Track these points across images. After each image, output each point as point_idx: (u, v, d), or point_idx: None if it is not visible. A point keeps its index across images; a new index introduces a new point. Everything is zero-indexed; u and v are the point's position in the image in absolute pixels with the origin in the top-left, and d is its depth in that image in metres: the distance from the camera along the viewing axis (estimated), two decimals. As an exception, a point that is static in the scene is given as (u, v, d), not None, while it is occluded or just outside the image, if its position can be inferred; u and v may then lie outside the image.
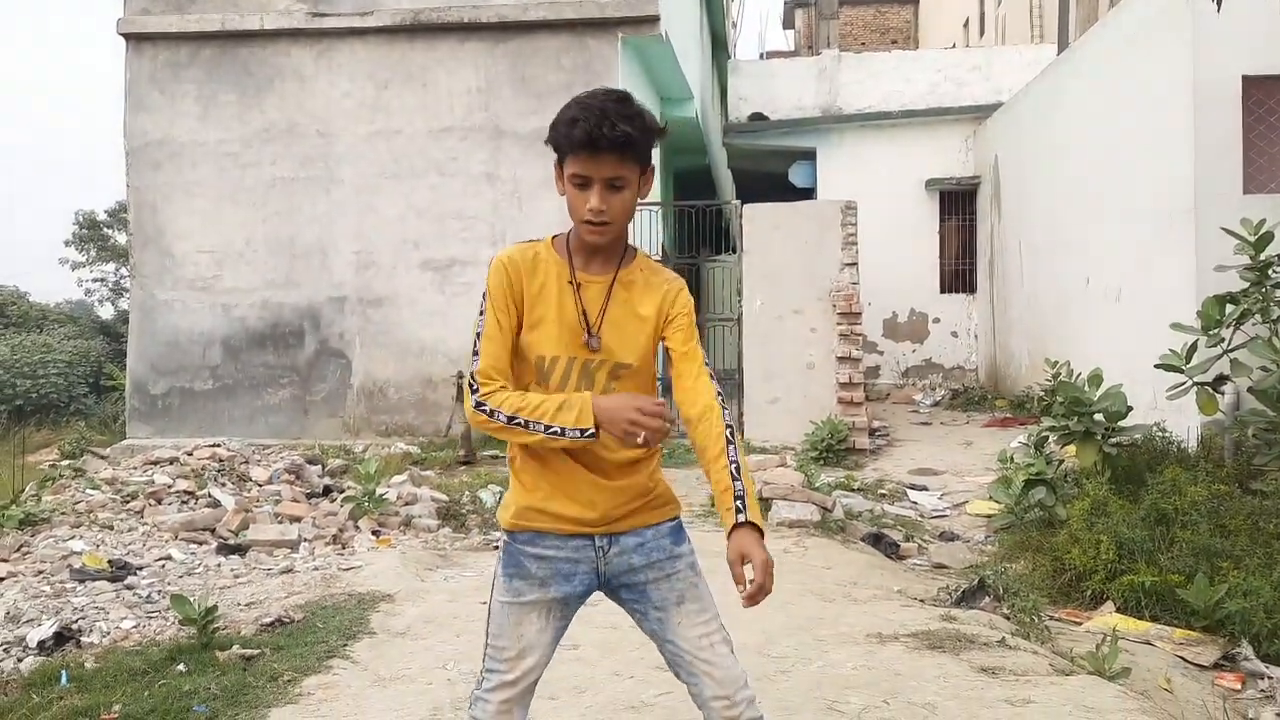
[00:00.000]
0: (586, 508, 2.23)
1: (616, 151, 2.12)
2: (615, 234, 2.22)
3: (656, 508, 2.31)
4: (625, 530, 2.26)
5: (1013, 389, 13.13)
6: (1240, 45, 7.40)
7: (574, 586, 2.26)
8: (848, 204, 10.63)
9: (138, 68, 11.61)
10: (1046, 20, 20.74)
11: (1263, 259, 6.47)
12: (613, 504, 2.24)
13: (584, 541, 2.25)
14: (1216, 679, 4.32)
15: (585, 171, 2.15)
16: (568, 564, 2.25)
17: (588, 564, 2.26)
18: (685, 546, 2.32)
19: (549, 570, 2.25)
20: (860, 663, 3.97)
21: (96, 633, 4.66)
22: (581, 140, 2.12)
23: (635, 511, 2.27)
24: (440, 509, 7.36)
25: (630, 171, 2.17)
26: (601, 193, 2.15)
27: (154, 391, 11.50)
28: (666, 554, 2.28)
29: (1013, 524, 6.65)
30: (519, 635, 2.25)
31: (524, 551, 2.26)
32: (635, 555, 2.26)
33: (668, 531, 2.30)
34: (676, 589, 2.26)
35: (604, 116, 2.11)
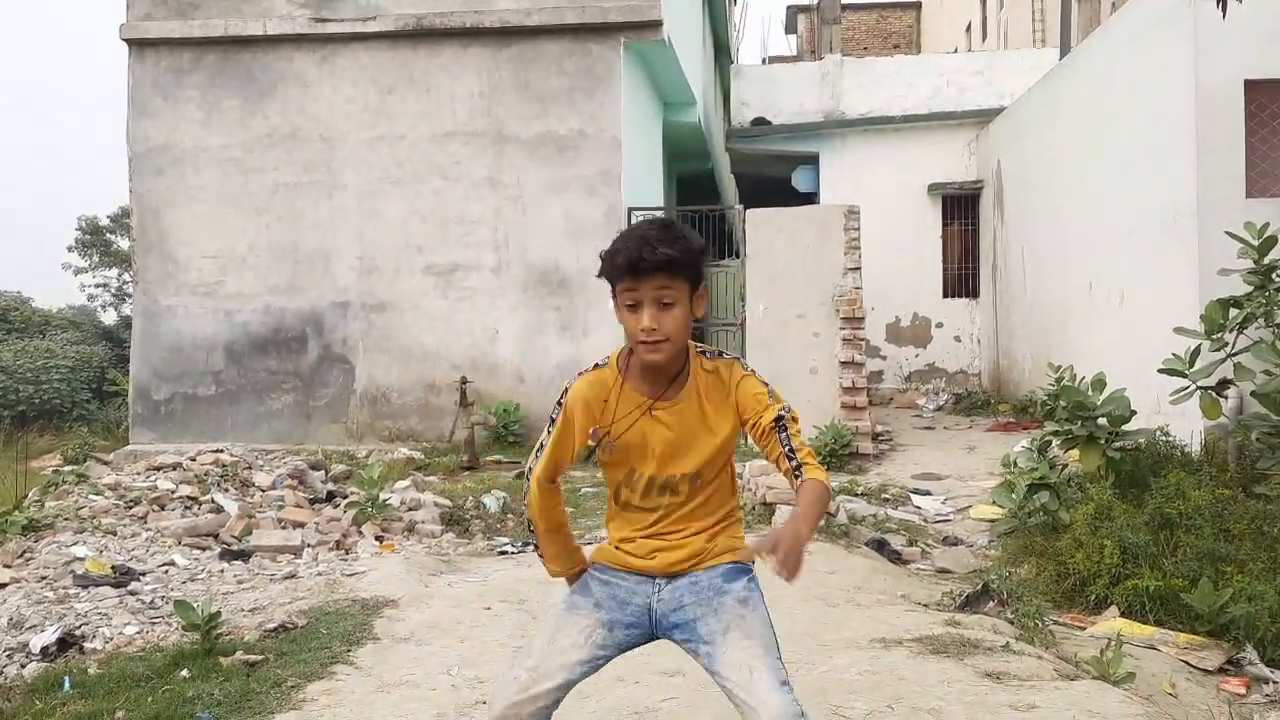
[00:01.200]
0: (646, 560, 2.41)
1: (662, 271, 2.21)
2: (673, 351, 2.29)
3: (715, 555, 2.40)
4: (682, 573, 2.39)
5: (1016, 393, 13.12)
6: (1242, 49, 7.39)
7: (624, 614, 2.39)
8: (850, 208, 10.64)
9: (140, 73, 11.65)
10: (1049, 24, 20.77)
11: (1266, 263, 6.47)
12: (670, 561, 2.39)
13: (643, 578, 2.41)
14: (1221, 684, 4.31)
15: (632, 293, 2.24)
16: (624, 592, 2.41)
17: (642, 597, 2.40)
18: (739, 583, 2.37)
19: (605, 593, 2.42)
20: (865, 668, 3.96)
21: (100, 638, 4.66)
22: (624, 266, 2.22)
23: (694, 564, 2.39)
24: (444, 514, 7.36)
25: (679, 289, 2.25)
26: (653, 312, 2.23)
27: (157, 397, 11.52)
28: (716, 590, 2.35)
29: (1016, 528, 6.64)
30: (551, 640, 2.37)
31: (593, 576, 2.48)
32: (686, 593, 2.37)
33: (722, 572, 2.38)
34: (723, 620, 2.30)
35: (645, 242, 2.21)
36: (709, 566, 2.39)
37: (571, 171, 11.13)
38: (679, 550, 2.39)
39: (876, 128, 16.12)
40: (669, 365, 2.33)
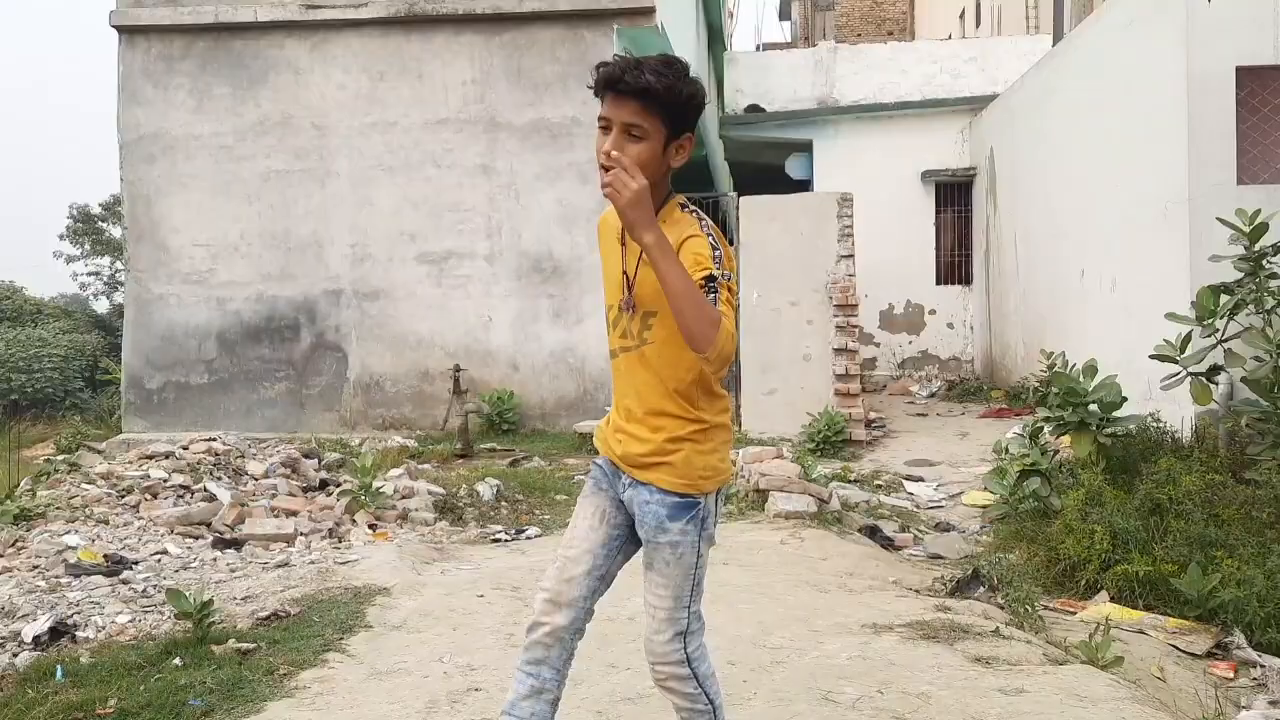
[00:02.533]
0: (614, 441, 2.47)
1: (637, 98, 2.17)
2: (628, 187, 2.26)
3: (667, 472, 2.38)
4: (642, 481, 2.41)
5: (1008, 380, 13.15)
6: (1234, 36, 7.39)
7: (617, 492, 2.48)
8: (844, 196, 10.63)
9: (131, 60, 11.59)
10: (1042, 11, 20.73)
11: (1257, 249, 6.48)
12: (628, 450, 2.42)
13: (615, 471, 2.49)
14: (1209, 667, 4.34)
15: (606, 114, 2.22)
16: (609, 477, 2.51)
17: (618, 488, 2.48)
18: (677, 525, 2.39)
19: (601, 475, 2.52)
20: (855, 653, 3.98)
21: (92, 627, 4.66)
22: (602, 81, 2.21)
23: (650, 466, 2.40)
24: (437, 502, 7.36)
25: (652, 125, 2.21)
26: (618, 138, 2.20)
27: (149, 385, 11.50)
28: (658, 524, 2.39)
29: (1008, 514, 6.66)
30: (575, 523, 2.50)
31: (595, 462, 2.57)
32: (639, 510, 2.42)
33: (670, 504, 2.39)
34: (650, 556, 2.43)
35: (635, 65, 2.18)
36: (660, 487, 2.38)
37: (565, 159, 11.11)
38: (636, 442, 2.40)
39: (870, 115, 16.10)
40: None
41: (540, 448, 9.93)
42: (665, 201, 2.34)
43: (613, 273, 2.43)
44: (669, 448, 2.38)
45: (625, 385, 2.44)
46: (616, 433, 2.47)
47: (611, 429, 2.50)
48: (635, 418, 2.41)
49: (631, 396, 2.41)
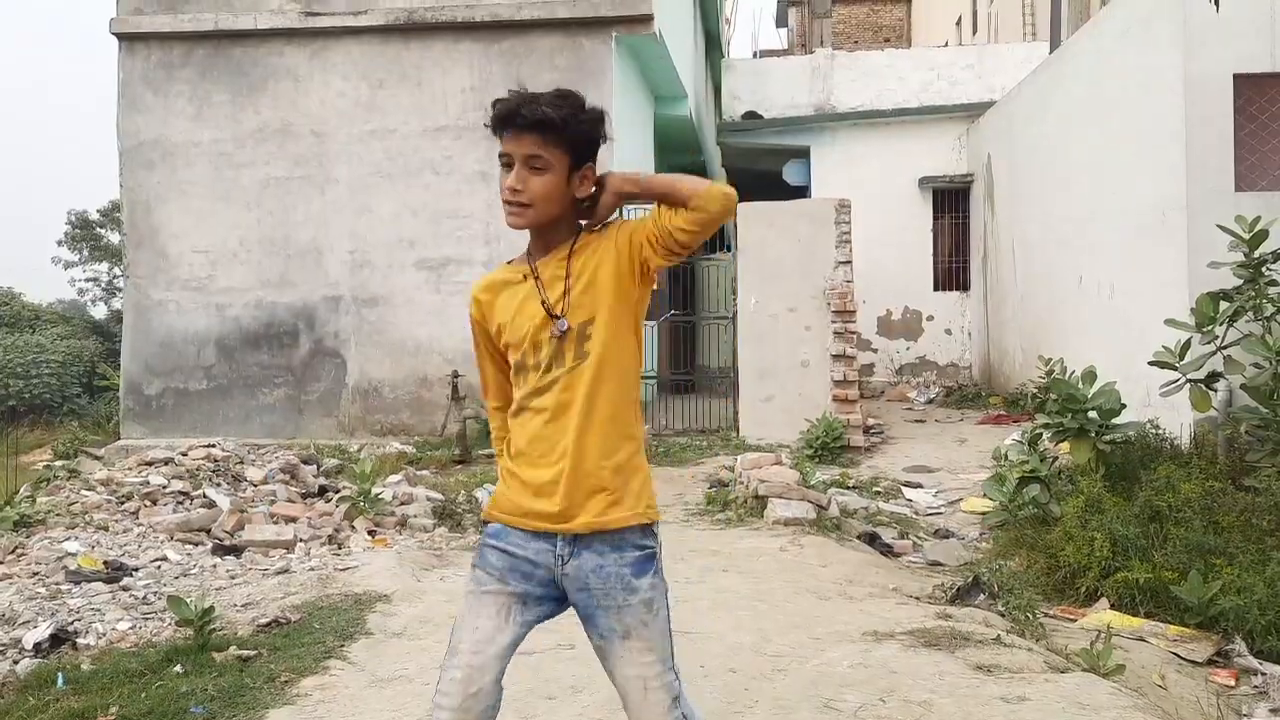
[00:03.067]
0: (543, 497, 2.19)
1: (535, 131, 2.14)
2: (536, 219, 2.20)
3: (623, 509, 2.20)
4: (587, 534, 2.18)
5: (1007, 386, 13.16)
6: (1232, 43, 7.42)
7: (531, 586, 2.22)
8: (841, 202, 10.65)
9: (131, 68, 11.60)
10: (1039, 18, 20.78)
11: (1257, 256, 6.49)
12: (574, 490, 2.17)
13: (545, 545, 2.21)
14: (1210, 675, 4.34)
15: (507, 149, 2.18)
16: (525, 564, 2.22)
17: (545, 569, 2.21)
18: (645, 580, 2.21)
19: (506, 564, 2.23)
20: (856, 661, 3.98)
21: (93, 634, 4.65)
22: (498, 117, 2.18)
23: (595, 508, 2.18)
24: (436, 508, 7.36)
25: (553, 155, 2.16)
26: (520, 172, 2.16)
27: (148, 392, 11.49)
28: (623, 584, 2.19)
29: (1007, 521, 6.66)
30: (475, 627, 2.20)
31: (489, 544, 2.26)
32: (592, 577, 2.19)
33: (631, 561, 2.20)
34: (625, 623, 2.19)
35: (530, 99, 2.17)
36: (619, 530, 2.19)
37: (563, 165, 11.11)
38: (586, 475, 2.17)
39: (867, 121, 16.15)
40: (552, 233, 2.23)
41: (539, 454, 9.92)
42: (576, 234, 2.26)
43: (517, 325, 2.23)
44: (616, 482, 2.20)
45: (554, 429, 2.19)
46: (538, 493, 2.20)
47: (529, 491, 2.21)
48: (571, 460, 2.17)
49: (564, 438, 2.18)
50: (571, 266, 2.23)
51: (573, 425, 2.18)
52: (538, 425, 2.22)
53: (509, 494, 2.26)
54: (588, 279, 2.22)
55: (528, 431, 2.23)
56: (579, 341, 2.20)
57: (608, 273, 2.22)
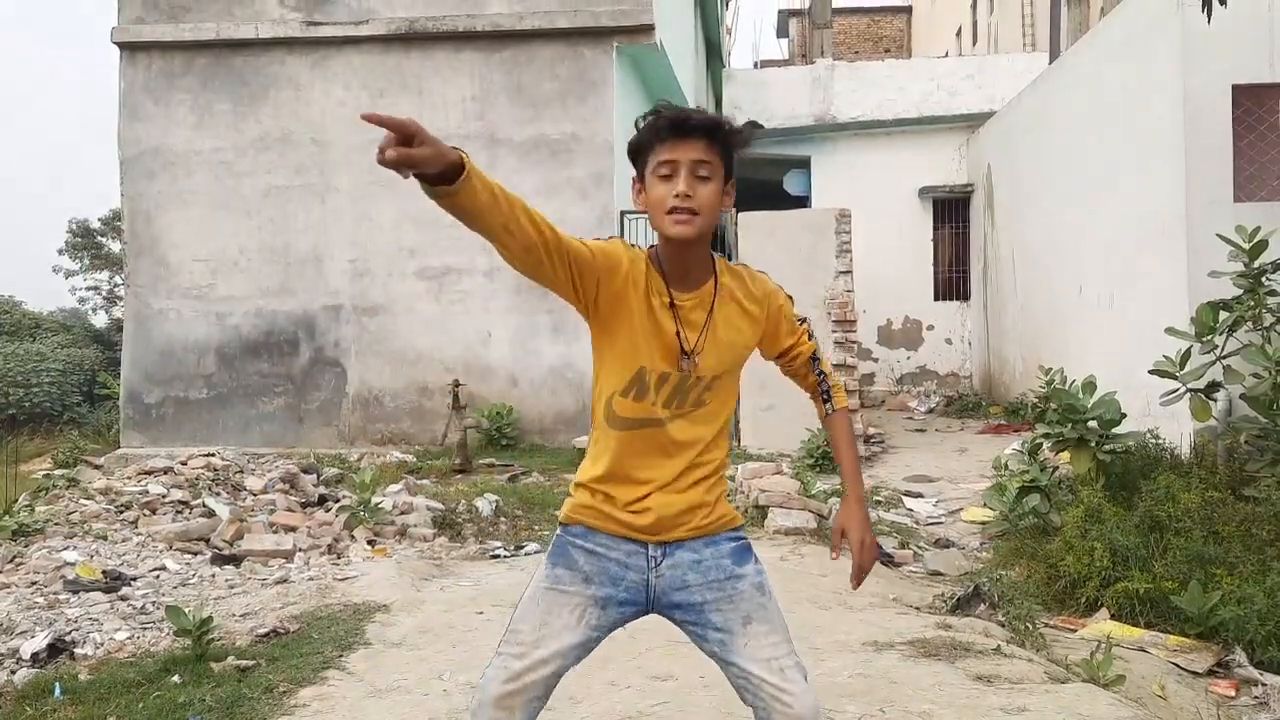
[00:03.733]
0: (637, 514, 2.18)
1: (704, 136, 2.10)
2: (702, 229, 2.12)
3: (715, 517, 2.23)
4: (680, 540, 2.19)
5: (1007, 395, 13.16)
6: (1230, 54, 7.44)
7: (618, 591, 2.18)
8: (842, 212, 10.66)
9: (132, 77, 11.63)
10: (1038, 29, 20.83)
11: (1256, 266, 6.50)
12: (666, 514, 2.18)
13: (636, 547, 2.19)
14: (1210, 686, 4.33)
15: (673, 155, 2.10)
16: (616, 566, 2.19)
17: (637, 572, 2.19)
18: (749, 567, 2.22)
19: (595, 566, 2.19)
20: (856, 671, 3.97)
21: (90, 644, 4.64)
22: (668, 125, 2.10)
23: (690, 523, 2.20)
24: (436, 518, 7.35)
25: (716, 163, 2.12)
26: (688, 178, 2.09)
27: (148, 400, 11.49)
28: (726, 574, 2.19)
29: (1007, 531, 6.66)
30: (543, 622, 2.15)
31: (573, 544, 2.21)
32: (690, 573, 2.18)
33: (729, 552, 2.22)
34: (742, 610, 2.17)
35: (687, 110, 2.14)
36: (709, 535, 2.21)
37: (564, 175, 11.15)
38: (678, 498, 2.17)
39: (868, 131, 16.18)
40: (695, 253, 2.16)
41: (539, 463, 9.92)
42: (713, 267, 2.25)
43: (648, 329, 2.16)
44: (706, 498, 2.22)
45: (655, 453, 2.19)
46: (630, 507, 2.18)
47: (619, 504, 2.19)
48: (666, 483, 2.18)
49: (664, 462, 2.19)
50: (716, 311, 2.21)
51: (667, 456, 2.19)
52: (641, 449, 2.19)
53: (595, 503, 2.22)
54: (726, 332, 2.22)
55: (629, 451, 2.19)
56: (702, 391, 2.20)
57: (746, 339, 2.27)
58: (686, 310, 2.18)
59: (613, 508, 2.20)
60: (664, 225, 2.13)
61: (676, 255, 2.18)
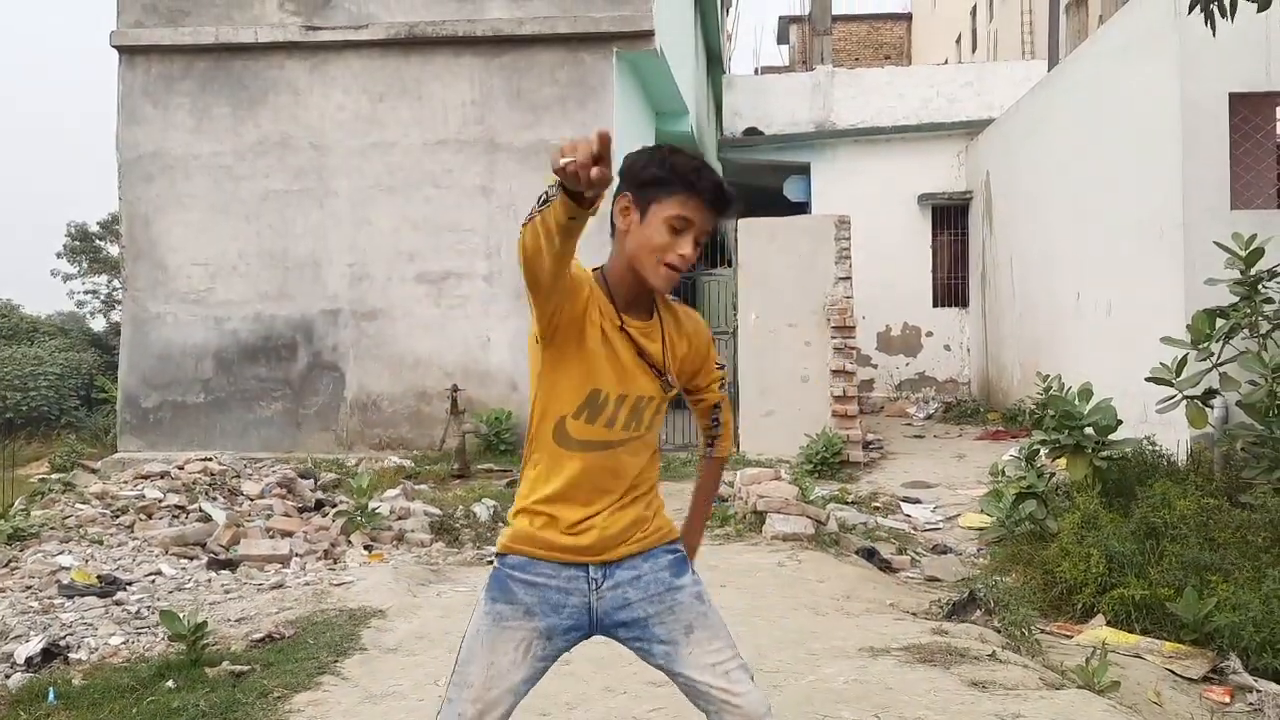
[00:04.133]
0: (577, 536, 2.18)
1: (721, 211, 2.18)
2: None
3: (651, 533, 2.26)
4: (618, 559, 2.20)
5: (1005, 402, 13.16)
6: (1227, 63, 7.45)
7: (560, 619, 2.18)
8: (841, 218, 10.68)
9: (131, 80, 11.64)
10: (1037, 37, 20.88)
11: (1253, 274, 6.51)
12: (609, 533, 2.19)
13: (576, 572, 2.19)
14: (1205, 692, 4.33)
15: (693, 217, 2.13)
16: (557, 594, 2.18)
17: (579, 596, 2.19)
18: (687, 578, 2.26)
19: (535, 597, 2.18)
20: (852, 676, 3.97)
21: (85, 649, 4.64)
22: (707, 190, 2.13)
23: (630, 539, 2.22)
24: (434, 523, 7.35)
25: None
26: (696, 243, 2.17)
27: (145, 404, 11.48)
28: (665, 586, 2.22)
29: (1004, 537, 6.66)
30: (490, 663, 2.15)
31: (512, 576, 2.19)
32: (630, 589, 2.20)
33: (666, 564, 2.24)
34: (683, 620, 2.20)
35: (721, 180, 2.17)
36: (647, 550, 2.23)
37: (562, 180, 11.13)
38: (620, 515, 2.20)
39: (867, 138, 16.21)
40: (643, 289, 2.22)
41: (537, 468, 9.90)
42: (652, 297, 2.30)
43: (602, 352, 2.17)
44: (645, 514, 2.26)
45: (606, 475, 2.20)
46: (574, 528, 2.18)
47: (560, 527, 2.18)
48: (611, 503, 2.20)
49: (612, 483, 2.21)
50: (666, 335, 2.28)
51: (617, 477, 2.21)
52: (596, 472, 2.19)
53: (536, 530, 2.20)
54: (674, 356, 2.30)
55: (585, 474, 2.18)
56: (655, 411, 2.25)
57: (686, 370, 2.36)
58: (638, 336, 2.22)
59: (554, 532, 2.19)
60: (651, 272, 2.15)
61: (637, 290, 2.21)
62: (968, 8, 28.95)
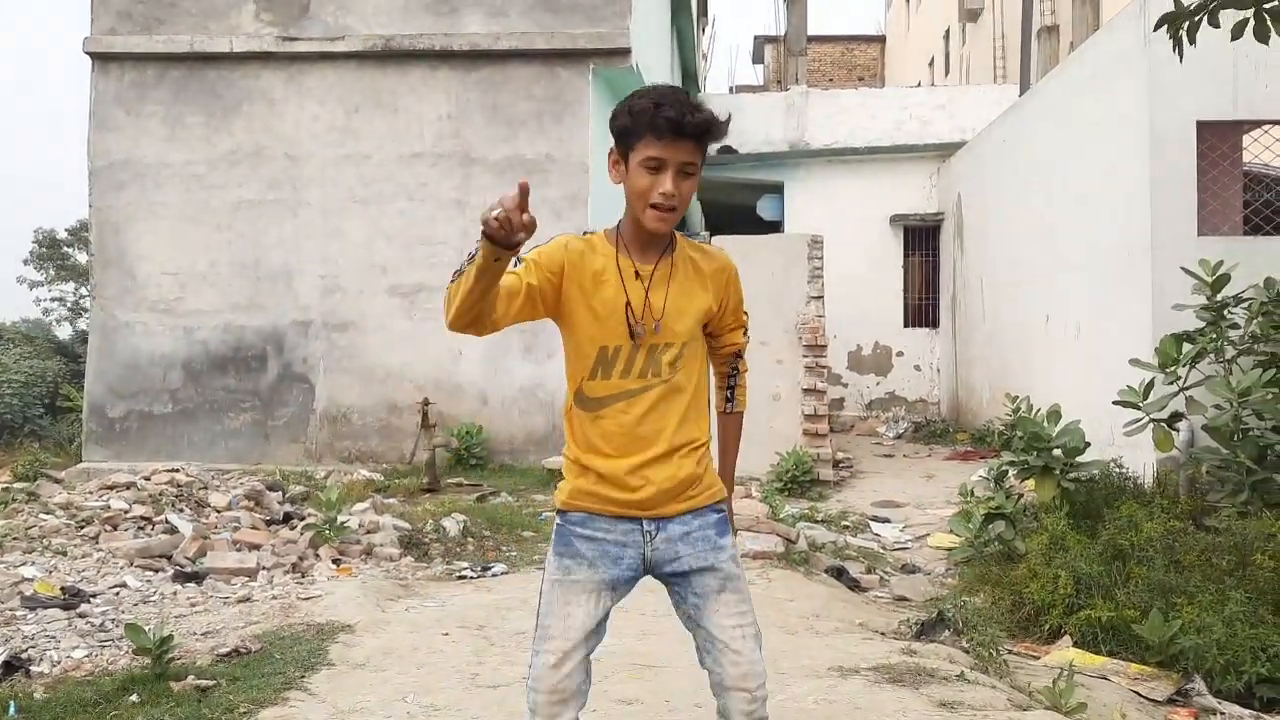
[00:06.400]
0: (631, 490, 2.30)
1: (695, 138, 2.20)
2: (677, 221, 2.30)
3: (703, 491, 2.38)
4: (672, 516, 2.33)
5: (974, 423, 13.27)
6: (1195, 91, 7.59)
7: (621, 570, 2.33)
8: (814, 238, 10.75)
9: (104, 87, 11.54)
10: (1009, 61, 21.16)
11: (1219, 299, 6.62)
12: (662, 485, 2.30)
13: (632, 525, 2.33)
14: (1170, 714, 4.37)
15: (663, 154, 2.20)
16: (615, 547, 2.33)
17: (635, 548, 2.33)
18: (728, 539, 2.39)
19: (596, 550, 2.32)
20: (822, 696, 3.97)
21: (47, 662, 4.56)
22: (667, 124, 2.18)
23: (685, 496, 2.34)
24: (403, 538, 7.29)
25: (698, 160, 2.25)
26: (675, 178, 2.22)
27: (112, 414, 11.35)
28: (711, 545, 2.35)
29: (973, 557, 6.71)
30: (566, 614, 2.30)
31: (574, 532, 2.34)
32: (681, 544, 2.34)
33: (714, 523, 2.38)
34: (719, 579, 2.34)
35: (687, 103, 2.20)
36: (700, 509, 2.36)
37: (539, 195, 11.14)
38: (674, 470, 2.31)
39: (840, 158, 16.33)
40: (661, 237, 2.32)
41: (508, 483, 9.88)
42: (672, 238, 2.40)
43: (607, 308, 2.30)
44: (698, 471, 2.36)
45: (644, 426, 2.30)
46: (622, 483, 2.30)
47: (608, 481, 2.31)
48: (657, 456, 2.30)
49: (654, 435, 2.30)
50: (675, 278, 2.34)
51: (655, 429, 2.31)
52: (620, 417, 2.31)
53: (592, 486, 2.33)
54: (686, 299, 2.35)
55: (598, 428, 2.32)
56: (675, 357, 2.33)
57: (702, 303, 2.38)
58: (648, 279, 2.32)
59: (608, 487, 2.32)
60: (643, 217, 2.26)
61: (645, 236, 2.32)
62: (941, 31, 29.30)
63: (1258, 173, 8.20)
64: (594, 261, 2.33)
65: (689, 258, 2.38)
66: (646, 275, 2.32)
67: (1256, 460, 5.93)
